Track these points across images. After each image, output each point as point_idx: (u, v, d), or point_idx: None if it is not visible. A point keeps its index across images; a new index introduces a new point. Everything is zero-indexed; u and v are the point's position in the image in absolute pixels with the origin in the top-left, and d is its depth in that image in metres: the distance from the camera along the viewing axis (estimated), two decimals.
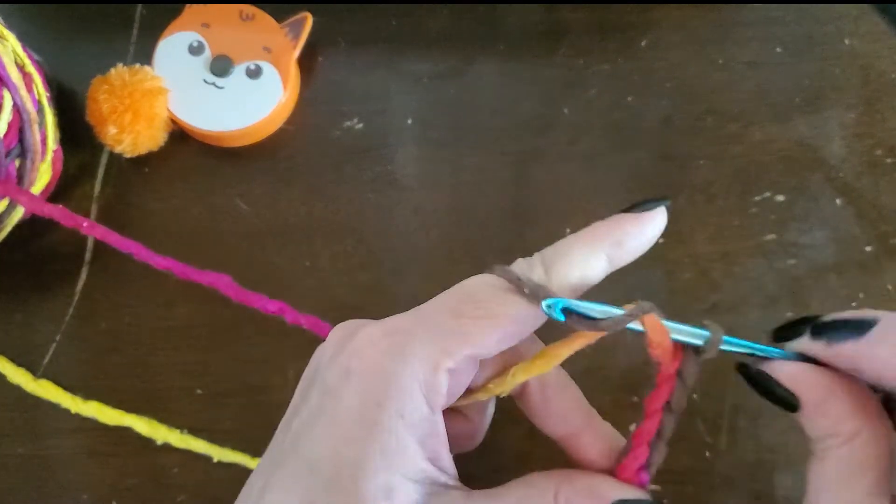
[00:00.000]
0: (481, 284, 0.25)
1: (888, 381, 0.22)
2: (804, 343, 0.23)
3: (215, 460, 0.36)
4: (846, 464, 0.22)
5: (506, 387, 0.25)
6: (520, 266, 0.25)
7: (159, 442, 0.37)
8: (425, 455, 0.23)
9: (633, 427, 0.24)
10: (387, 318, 0.25)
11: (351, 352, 0.24)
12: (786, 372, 0.24)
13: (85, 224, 0.35)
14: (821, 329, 0.23)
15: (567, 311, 0.23)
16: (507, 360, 0.26)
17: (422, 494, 0.22)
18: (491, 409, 0.29)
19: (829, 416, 0.23)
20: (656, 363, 0.24)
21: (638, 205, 0.26)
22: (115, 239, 0.35)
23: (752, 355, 0.24)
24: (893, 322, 0.22)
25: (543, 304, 0.23)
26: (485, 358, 0.24)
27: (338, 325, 0.26)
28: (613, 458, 0.25)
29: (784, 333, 0.24)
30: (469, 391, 0.26)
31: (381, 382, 0.23)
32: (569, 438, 0.26)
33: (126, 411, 0.37)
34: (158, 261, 0.35)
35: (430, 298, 0.35)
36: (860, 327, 0.22)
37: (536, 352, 0.25)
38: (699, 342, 0.24)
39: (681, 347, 0.24)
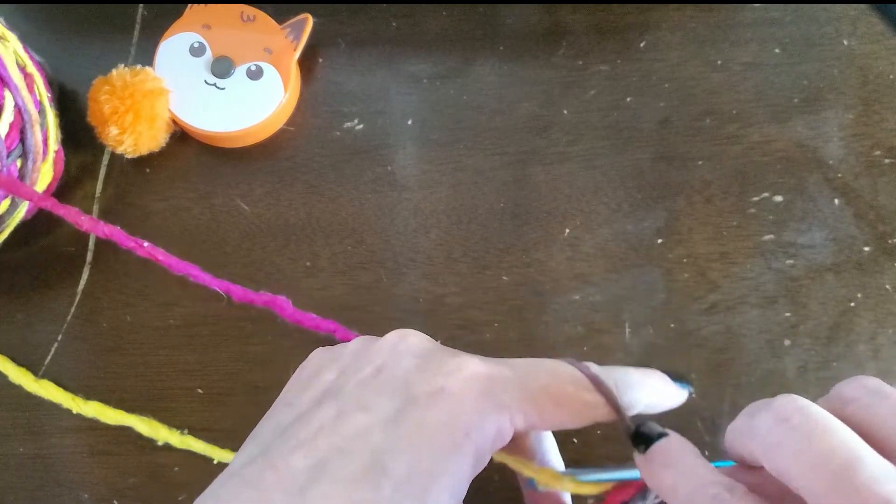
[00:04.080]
0: (573, 375, 0.26)
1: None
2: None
3: (216, 461, 0.36)
4: None
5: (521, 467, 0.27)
6: (597, 371, 0.27)
7: (160, 442, 0.37)
8: (466, 487, 0.24)
9: None
10: (484, 358, 0.26)
11: (450, 374, 0.25)
12: None
13: (145, 245, 0.35)
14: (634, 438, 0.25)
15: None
16: None
17: None
18: None
19: None
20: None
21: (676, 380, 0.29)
22: (171, 260, 0.35)
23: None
24: (668, 445, 0.24)
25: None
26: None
27: (408, 333, 0.27)
28: None
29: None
30: None
31: (473, 415, 0.24)
32: None
33: (127, 411, 0.37)
34: (215, 283, 0.35)
35: (431, 298, 0.36)
36: (645, 442, 0.25)
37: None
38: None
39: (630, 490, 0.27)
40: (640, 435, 0.25)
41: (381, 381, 0.25)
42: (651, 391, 0.28)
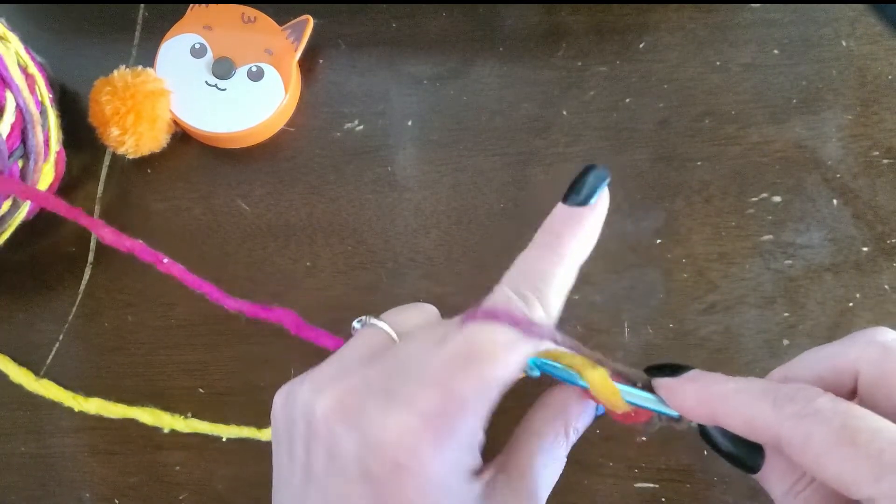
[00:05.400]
0: (490, 337, 0.25)
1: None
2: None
3: (224, 439, 0.37)
4: (821, 499, 0.23)
5: None
6: (508, 297, 0.25)
7: (166, 430, 0.37)
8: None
9: None
10: (412, 393, 0.24)
11: (393, 445, 0.23)
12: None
13: (165, 260, 0.34)
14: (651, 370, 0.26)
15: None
16: None
17: None
18: None
19: (783, 466, 0.24)
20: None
21: (576, 185, 0.27)
22: (188, 277, 0.34)
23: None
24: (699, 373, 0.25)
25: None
26: None
27: (328, 392, 0.25)
28: None
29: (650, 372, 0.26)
30: None
31: (435, 486, 0.23)
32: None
33: None
34: (229, 303, 0.35)
35: (431, 298, 0.35)
36: (675, 370, 0.25)
37: None
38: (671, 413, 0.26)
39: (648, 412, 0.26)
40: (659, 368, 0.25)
41: (339, 468, 0.24)
42: (562, 272, 0.27)
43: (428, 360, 0.24)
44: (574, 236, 0.27)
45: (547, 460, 0.28)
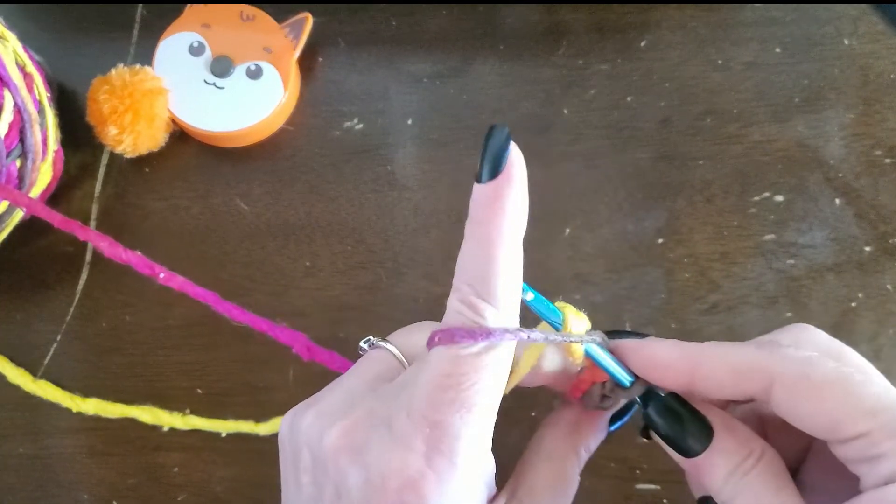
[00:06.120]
0: (455, 363, 0.24)
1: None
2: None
3: (224, 435, 0.37)
4: (772, 477, 0.23)
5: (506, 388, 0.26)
6: (469, 317, 0.24)
7: (165, 428, 0.37)
8: None
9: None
10: (399, 426, 0.23)
11: (397, 485, 0.23)
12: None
13: (162, 275, 0.34)
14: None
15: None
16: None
17: None
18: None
19: (738, 436, 0.24)
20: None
21: (484, 163, 0.25)
22: (189, 288, 0.34)
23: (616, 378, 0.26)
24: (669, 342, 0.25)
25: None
26: None
27: (306, 427, 0.25)
28: None
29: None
30: None
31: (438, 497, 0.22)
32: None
33: None
34: (237, 313, 0.35)
35: (431, 298, 0.35)
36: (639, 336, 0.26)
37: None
38: (623, 381, 0.26)
39: (604, 374, 0.26)
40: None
41: (323, 478, 0.24)
42: (505, 265, 0.25)
43: (414, 392, 0.23)
44: (497, 215, 0.25)
45: (560, 483, 0.27)
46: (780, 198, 0.38)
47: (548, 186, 0.39)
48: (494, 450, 0.29)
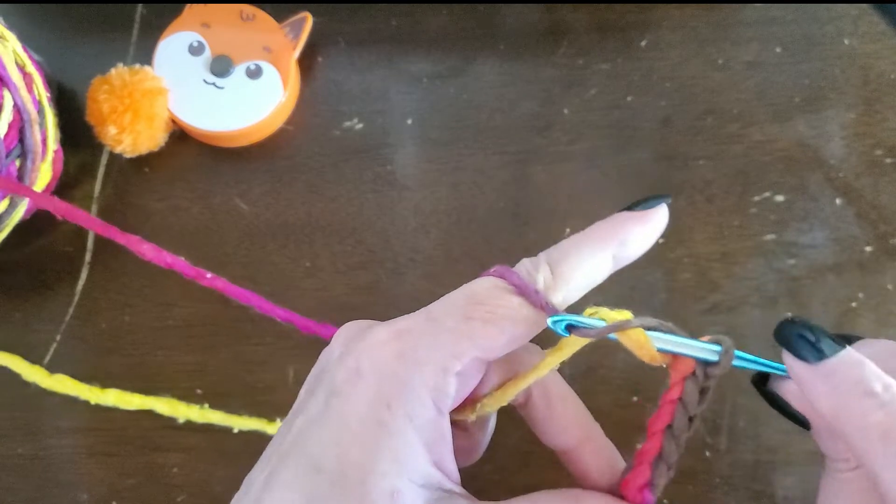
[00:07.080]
0: (489, 287, 0.25)
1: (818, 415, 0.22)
2: (786, 357, 0.23)
3: (235, 430, 0.37)
4: (855, 489, 0.23)
5: (504, 399, 0.25)
6: (525, 267, 0.25)
7: (181, 420, 0.37)
8: (431, 459, 0.23)
9: (638, 446, 0.24)
10: (396, 319, 0.25)
11: (360, 353, 0.24)
12: (794, 392, 0.24)
13: (209, 276, 0.34)
14: (785, 339, 0.23)
15: (570, 327, 0.23)
16: (511, 368, 0.26)
17: (427, 500, 0.22)
18: (492, 425, 0.29)
19: (838, 441, 0.23)
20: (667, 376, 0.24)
21: (639, 203, 0.26)
22: (232, 289, 0.35)
23: (762, 372, 0.24)
24: (850, 359, 0.22)
25: (549, 320, 0.23)
26: (492, 360, 0.24)
27: (344, 326, 0.26)
28: (610, 476, 0.26)
29: (777, 337, 0.23)
30: (468, 404, 0.26)
31: (391, 385, 0.23)
32: (569, 452, 0.27)
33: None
34: (280, 314, 0.35)
35: (431, 298, 0.35)
36: (818, 353, 0.22)
37: (534, 358, 0.25)
38: (710, 357, 0.23)
39: (690, 362, 0.23)
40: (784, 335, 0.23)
41: (316, 380, 0.25)
42: (591, 253, 0.25)
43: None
44: (611, 226, 0.26)
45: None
46: (780, 198, 0.38)
47: (548, 186, 0.39)
48: (495, 450, 0.29)
